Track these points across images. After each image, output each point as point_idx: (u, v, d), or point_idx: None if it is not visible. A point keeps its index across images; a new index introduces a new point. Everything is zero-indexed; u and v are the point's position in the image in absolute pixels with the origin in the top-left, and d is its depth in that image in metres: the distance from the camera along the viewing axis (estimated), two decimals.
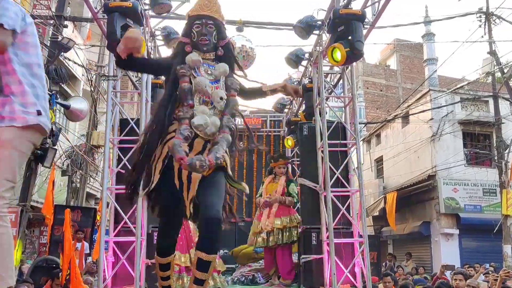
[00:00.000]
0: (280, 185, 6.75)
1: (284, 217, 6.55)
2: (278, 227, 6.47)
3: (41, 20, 9.91)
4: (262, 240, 6.51)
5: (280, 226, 6.47)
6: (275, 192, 6.74)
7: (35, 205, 10.65)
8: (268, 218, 6.55)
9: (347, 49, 5.14)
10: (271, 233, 6.47)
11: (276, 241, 6.43)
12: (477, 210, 15.08)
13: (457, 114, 15.57)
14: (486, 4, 13.85)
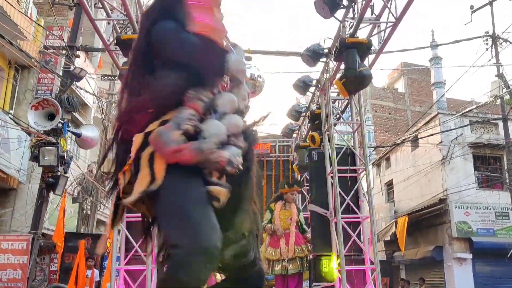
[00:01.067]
0: (294, 213, 6.73)
1: (303, 245, 6.54)
2: (300, 255, 6.43)
3: (54, 50, 10.16)
4: (281, 268, 6.44)
5: (302, 254, 6.42)
6: (290, 220, 6.70)
7: (46, 233, 10.70)
8: (287, 246, 6.50)
9: (343, 80, 5.22)
10: (290, 261, 6.42)
11: (299, 269, 6.36)
12: (490, 234, 14.85)
13: (466, 137, 15.50)
14: (493, 27, 13.96)
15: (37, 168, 9.56)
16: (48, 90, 11.35)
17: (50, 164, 8.09)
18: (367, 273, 5.99)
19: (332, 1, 5.16)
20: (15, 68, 11.42)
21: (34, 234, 8.31)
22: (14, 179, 10.74)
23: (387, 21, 5.30)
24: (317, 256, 6.31)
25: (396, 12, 5.07)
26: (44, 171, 8.42)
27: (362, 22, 5.27)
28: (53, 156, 8.07)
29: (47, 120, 8.18)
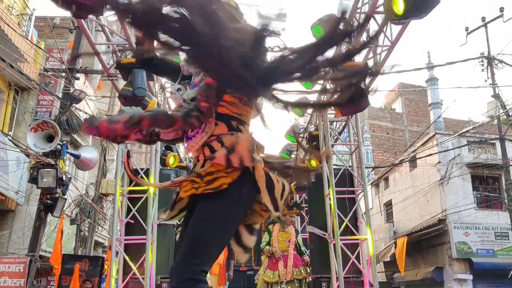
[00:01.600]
0: (292, 235, 6.72)
1: (301, 267, 6.52)
2: (299, 278, 6.40)
3: (54, 73, 10.25)
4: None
5: (300, 276, 6.40)
6: (289, 242, 6.69)
7: (43, 255, 10.62)
8: (285, 268, 6.48)
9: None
10: (289, 284, 6.39)
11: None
12: (490, 255, 14.77)
13: (464, 157, 15.55)
14: (488, 49, 14.14)
15: (35, 190, 9.55)
16: (47, 112, 11.41)
17: (48, 185, 8.07)
18: None
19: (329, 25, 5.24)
20: (15, 90, 11.49)
21: (31, 256, 8.24)
22: (12, 200, 10.70)
23: (382, 45, 5.39)
24: (316, 278, 6.27)
25: (392, 36, 5.16)
26: (43, 193, 8.41)
27: None
28: (51, 177, 8.06)
29: (46, 142, 8.20)
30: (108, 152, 13.17)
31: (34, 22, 12.44)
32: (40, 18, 13.79)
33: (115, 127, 1.96)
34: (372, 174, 22.80)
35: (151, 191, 5.82)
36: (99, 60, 5.62)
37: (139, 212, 5.90)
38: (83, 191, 13.03)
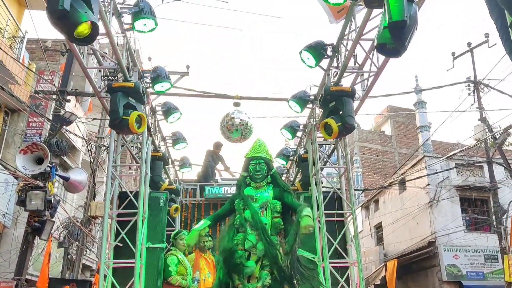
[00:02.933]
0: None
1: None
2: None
3: (45, 95, 10.27)
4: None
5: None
6: None
7: (29, 278, 10.44)
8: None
9: (339, 123, 5.36)
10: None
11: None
12: (480, 277, 14.79)
13: (453, 179, 15.70)
14: (474, 73, 14.42)
15: (23, 212, 9.45)
16: (37, 134, 11.40)
17: (37, 208, 8.00)
18: None
19: (317, 51, 5.37)
20: (5, 111, 11.48)
21: (17, 280, 8.12)
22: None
23: (369, 70, 5.51)
24: None
25: (378, 62, 5.28)
26: (31, 215, 8.32)
27: (346, 71, 5.47)
28: (40, 200, 7.99)
29: (35, 164, 8.16)
30: (97, 174, 13.10)
31: (26, 44, 12.50)
32: (32, 40, 13.86)
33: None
34: (362, 196, 22.87)
35: (140, 215, 5.81)
36: (90, 83, 5.67)
37: (128, 235, 5.87)
38: (71, 213, 12.91)
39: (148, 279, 5.98)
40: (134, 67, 5.61)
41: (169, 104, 6.91)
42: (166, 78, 5.89)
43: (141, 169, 6.07)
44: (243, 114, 7.54)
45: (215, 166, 11.09)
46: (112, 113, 5.12)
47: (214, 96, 7.80)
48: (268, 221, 5.02)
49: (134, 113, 5.26)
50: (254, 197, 5.12)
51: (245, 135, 7.53)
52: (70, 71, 9.67)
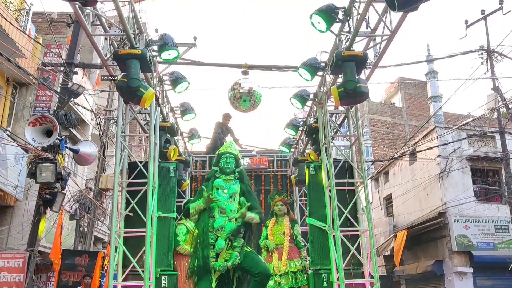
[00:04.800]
0: (286, 227, 6.73)
1: (296, 260, 6.53)
2: (292, 270, 6.42)
3: (52, 67, 10.20)
4: (274, 283, 6.42)
5: (294, 269, 6.43)
6: (283, 234, 6.70)
7: (42, 250, 10.60)
8: (279, 260, 6.50)
9: (340, 89, 5.24)
10: (283, 276, 6.40)
11: (290, 285, 6.37)
12: (490, 248, 14.77)
13: (464, 150, 15.53)
14: (487, 41, 14.09)
15: (34, 185, 9.52)
16: (46, 107, 11.36)
17: (47, 180, 8.03)
18: (366, 287, 5.94)
19: (328, 15, 5.21)
20: (13, 85, 11.45)
21: (30, 251, 8.22)
22: (11, 196, 10.68)
23: (382, 34, 5.34)
24: (316, 270, 6.25)
25: (391, 25, 5.11)
26: (41, 187, 8.37)
27: (358, 36, 5.30)
28: (50, 172, 8.02)
29: (44, 137, 8.16)
30: (107, 147, 13.13)
31: (32, 18, 12.38)
32: (38, 14, 13.73)
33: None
34: (372, 168, 22.80)
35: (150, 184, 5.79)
36: (96, 51, 5.57)
37: (139, 205, 5.88)
38: (82, 186, 13.01)
39: (159, 249, 6.00)
40: (140, 35, 5.49)
41: (176, 74, 6.80)
42: (173, 46, 5.77)
43: (150, 139, 6.03)
44: (252, 82, 7.42)
45: (224, 138, 11.05)
46: (132, 80, 4.99)
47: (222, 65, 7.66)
48: (235, 208, 5.53)
49: (150, 90, 5.28)
50: (224, 187, 5.62)
51: (254, 103, 7.43)
52: (77, 43, 9.55)
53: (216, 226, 5.42)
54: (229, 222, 5.44)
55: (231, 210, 5.49)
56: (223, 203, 5.51)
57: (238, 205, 5.57)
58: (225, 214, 5.46)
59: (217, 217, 5.47)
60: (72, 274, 9.91)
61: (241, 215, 5.45)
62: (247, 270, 5.49)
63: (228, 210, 5.47)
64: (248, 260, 5.45)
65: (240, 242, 5.48)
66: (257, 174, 10.15)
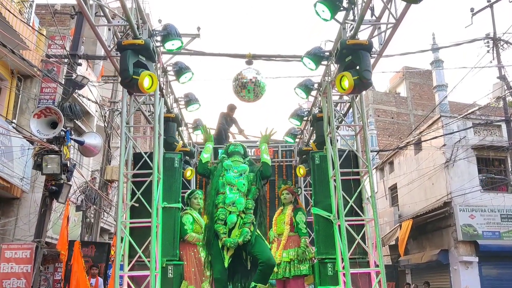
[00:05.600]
0: (287, 216, 6.70)
1: (291, 249, 6.50)
2: (285, 260, 6.41)
3: (56, 59, 10.21)
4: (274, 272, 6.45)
5: (287, 259, 6.40)
6: (284, 223, 6.71)
7: (49, 241, 10.69)
8: (277, 250, 6.54)
9: (356, 77, 5.20)
10: (278, 266, 6.41)
11: (283, 274, 6.36)
12: (496, 237, 14.76)
13: (470, 139, 15.46)
14: (493, 29, 13.97)
15: (40, 177, 9.57)
16: (50, 99, 11.39)
17: (53, 172, 8.08)
18: (372, 276, 5.94)
19: (332, 3, 5.17)
20: (18, 77, 11.48)
21: (37, 242, 8.29)
22: (17, 188, 10.75)
23: (387, 22, 5.30)
24: (321, 259, 6.26)
25: (396, 13, 5.07)
26: (47, 179, 8.42)
27: (363, 24, 5.26)
28: (56, 164, 8.06)
29: (49, 128, 8.19)
30: (112, 139, 13.17)
31: (35, 9, 12.37)
32: (41, 5, 13.73)
33: None
34: (376, 158, 22.76)
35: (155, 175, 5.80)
36: (100, 41, 5.55)
37: (144, 195, 5.89)
38: (88, 178, 13.07)
39: (164, 239, 6.02)
40: (143, 25, 5.47)
41: (180, 64, 6.78)
42: (176, 36, 5.75)
43: (154, 129, 6.02)
44: (256, 72, 7.38)
45: (228, 129, 11.04)
46: (122, 72, 5.02)
47: (226, 55, 7.64)
48: (245, 185, 5.75)
49: (144, 73, 5.17)
50: (232, 167, 5.85)
51: (258, 93, 7.40)
52: (80, 34, 9.55)
53: (228, 202, 5.63)
54: (240, 197, 5.65)
55: (244, 184, 5.72)
56: (233, 180, 5.71)
57: (247, 180, 5.79)
58: (236, 190, 5.68)
59: (228, 193, 5.66)
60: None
61: (263, 138, 6.07)
62: (255, 257, 5.63)
63: (240, 185, 5.70)
64: (256, 246, 5.60)
65: (251, 218, 5.67)
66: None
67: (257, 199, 5.86)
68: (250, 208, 5.73)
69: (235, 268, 5.84)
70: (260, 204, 5.91)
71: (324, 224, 6.31)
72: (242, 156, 6.07)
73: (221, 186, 5.79)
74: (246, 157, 6.14)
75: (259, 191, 5.93)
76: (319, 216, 6.37)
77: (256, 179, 5.87)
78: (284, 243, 6.52)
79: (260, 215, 5.88)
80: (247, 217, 5.65)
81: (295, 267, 6.42)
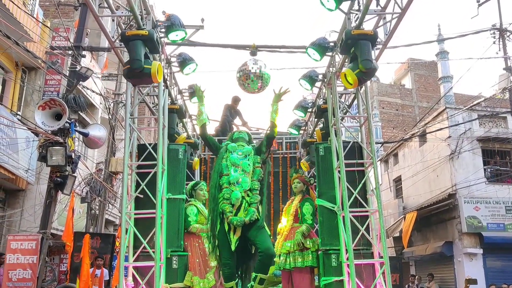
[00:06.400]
0: (293, 206, 6.65)
1: (290, 241, 6.44)
2: (284, 252, 6.34)
3: (60, 51, 10.21)
4: (275, 264, 6.45)
5: (284, 250, 6.32)
6: (289, 214, 6.70)
7: (55, 233, 10.76)
8: (279, 241, 6.53)
9: (357, 71, 5.19)
10: (279, 257, 6.40)
11: (283, 266, 6.33)
12: (500, 229, 14.71)
13: (475, 131, 15.37)
14: (500, 20, 13.85)
15: (45, 169, 9.61)
16: (55, 92, 11.41)
17: (58, 163, 8.11)
18: (376, 267, 5.95)
19: None
20: (22, 69, 11.50)
21: (43, 233, 8.35)
22: (22, 180, 10.80)
23: (392, 12, 5.26)
24: (325, 250, 6.27)
25: (402, 2, 5.03)
26: (52, 171, 8.46)
27: (368, 14, 5.22)
28: (60, 155, 8.09)
29: (54, 120, 8.21)
30: (116, 131, 13.19)
31: (39, 1, 12.35)
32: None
33: None
34: (381, 150, 22.71)
35: (159, 166, 5.81)
36: (104, 32, 5.54)
37: (148, 187, 5.91)
38: (93, 170, 13.12)
39: (169, 230, 6.05)
40: (147, 16, 5.45)
41: (184, 55, 6.76)
42: (180, 27, 5.72)
43: (159, 121, 6.03)
44: (260, 63, 7.35)
45: (232, 121, 11.03)
46: (133, 61, 5.00)
47: (230, 46, 7.62)
48: (250, 165, 5.89)
49: (155, 63, 5.24)
50: (237, 149, 5.99)
51: (263, 84, 7.38)
52: (84, 26, 9.54)
53: (232, 179, 5.81)
54: (245, 177, 5.81)
55: (249, 165, 5.87)
56: (238, 160, 5.86)
57: (252, 161, 5.96)
58: (241, 170, 5.83)
59: (232, 173, 5.82)
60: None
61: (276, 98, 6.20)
62: (255, 245, 5.79)
63: (245, 166, 5.86)
64: (259, 235, 5.74)
65: (257, 198, 5.78)
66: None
67: (261, 181, 5.98)
68: (256, 189, 5.83)
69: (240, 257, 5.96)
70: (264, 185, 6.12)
71: (328, 215, 6.30)
72: (247, 142, 6.20)
73: (225, 168, 5.94)
74: (251, 143, 6.28)
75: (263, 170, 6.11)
76: (324, 208, 6.36)
77: (261, 147, 6.12)
78: (286, 234, 6.48)
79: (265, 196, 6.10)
80: (254, 198, 5.76)
81: (295, 259, 6.30)
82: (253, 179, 5.87)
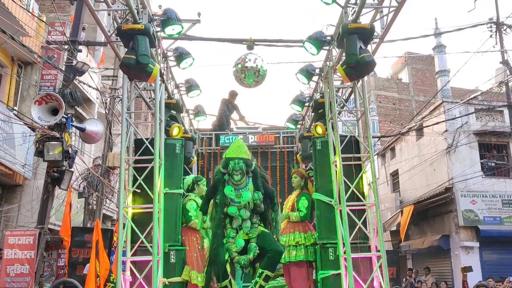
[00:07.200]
0: (291, 201, 6.70)
1: (285, 235, 6.47)
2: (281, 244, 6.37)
3: (56, 45, 10.16)
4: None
5: (283, 243, 6.34)
6: (287, 209, 6.72)
7: (52, 228, 10.74)
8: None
9: (344, 66, 5.19)
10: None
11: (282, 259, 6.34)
12: (497, 222, 14.78)
13: (472, 125, 15.40)
14: (497, 14, 13.84)
15: (42, 164, 9.59)
16: (51, 86, 11.37)
17: (54, 158, 8.10)
18: (373, 261, 5.98)
19: None
20: (18, 64, 11.44)
21: (40, 229, 8.34)
22: (19, 175, 10.78)
23: (389, 6, 5.25)
24: (323, 244, 6.29)
25: None
26: (49, 166, 8.45)
27: (364, 8, 5.21)
28: (57, 150, 8.08)
29: (50, 115, 8.19)
30: (113, 126, 13.16)
31: None
32: None
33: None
34: (378, 144, 22.74)
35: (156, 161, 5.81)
36: (100, 26, 5.52)
37: (146, 181, 5.91)
38: (90, 165, 13.09)
39: (167, 224, 6.05)
40: (143, 10, 5.43)
41: (181, 49, 6.74)
42: (176, 21, 5.70)
43: (155, 115, 6.02)
44: (257, 57, 7.35)
45: (230, 115, 11.03)
46: (142, 57, 4.96)
47: (227, 40, 7.60)
48: (247, 216, 5.76)
49: (157, 65, 5.26)
50: (234, 200, 5.64)
51: (259, 78, 7.38)
52: (80, 20, 9.49)
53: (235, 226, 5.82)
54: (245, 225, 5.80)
55: (247, 212, 5.77)
56: (236, 213, 5.73)
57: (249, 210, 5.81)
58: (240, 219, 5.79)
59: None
60: (82, 250, 10.05)
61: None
62: (263, 248, 5.73)
63: (243, 215, 5.75)
64: (261, 238, 5.74)
65: (256, 232, 5.76)
66: (263, 151, 10.17)
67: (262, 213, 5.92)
68: (255, 222, 5.84)
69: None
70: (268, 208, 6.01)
71: (325, 209, 6.32)
72: (244, 173, 5.61)
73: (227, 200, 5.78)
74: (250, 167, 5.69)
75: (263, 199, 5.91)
76: (321, 202, 6.38)
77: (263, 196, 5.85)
78: (283, 228, 6.52)
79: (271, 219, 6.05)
80: (252, 232, 5.78)
81: (290, 253, 6.40)
82: (253, 217, 5.83)
